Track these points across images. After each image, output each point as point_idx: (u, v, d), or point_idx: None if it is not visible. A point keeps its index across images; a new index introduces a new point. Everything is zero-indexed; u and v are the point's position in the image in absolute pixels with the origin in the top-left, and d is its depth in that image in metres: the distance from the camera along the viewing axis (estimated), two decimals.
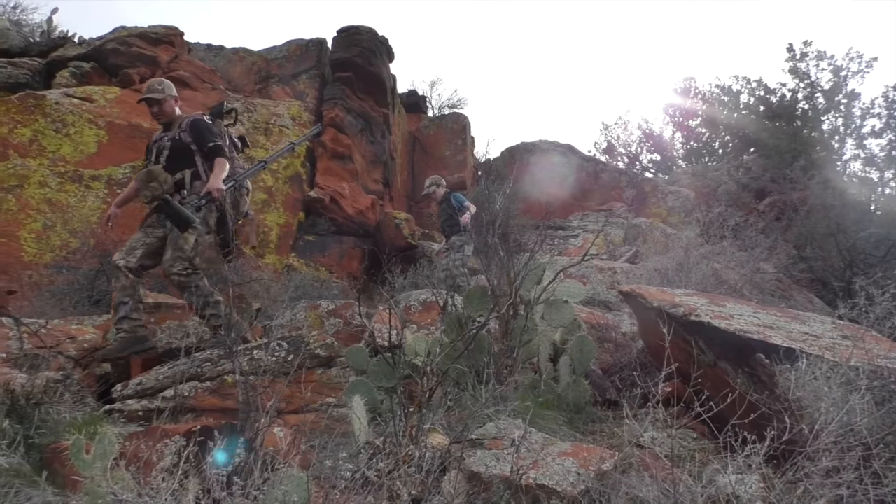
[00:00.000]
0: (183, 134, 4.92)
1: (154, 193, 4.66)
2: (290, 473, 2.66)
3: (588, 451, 3.30)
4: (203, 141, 4.90)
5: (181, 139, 4.90)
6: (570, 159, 15.85)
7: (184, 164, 4.86)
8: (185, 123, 4.98)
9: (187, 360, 4.61)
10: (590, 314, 5.91)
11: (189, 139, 4.90)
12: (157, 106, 4.99)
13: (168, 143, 4.90)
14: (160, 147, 4.94)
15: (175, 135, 4.93)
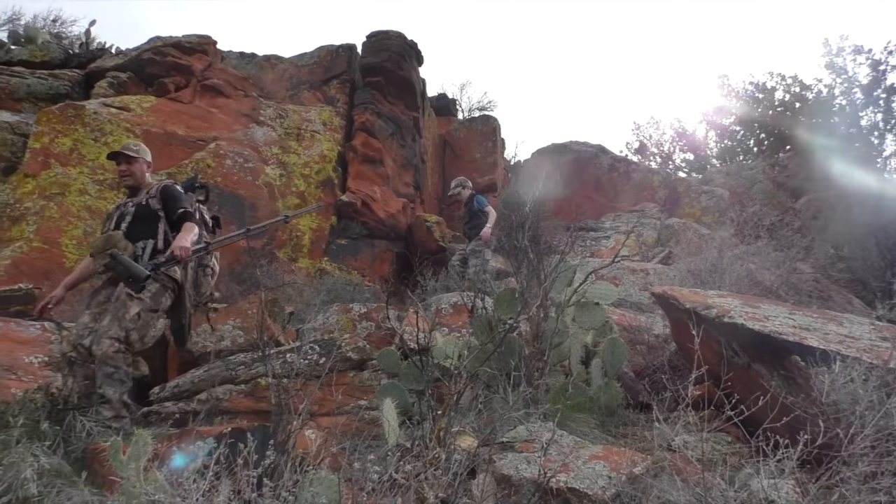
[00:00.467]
0: (151, 200, 4.42)
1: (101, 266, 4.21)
2: (321, 475, 2.69)
3: (619, 454, 3.28)
4: (173, 207, 4.40)
5: (148, 205, 4.39)
6: (602, 160, 15.71)
7: (147, 233, 4.30)
8: (155, 189, 4.49)
9: (221, 363, 4.69)
10: (622, 316, 5.86)
11: (157, 206, 4.40)
12: (126, 164, 4.48)
13: (132, 210, 4.37)
14: (122, 213, 4.39)
15: (142, 200, 4.42)
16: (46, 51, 14.36)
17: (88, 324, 4.03)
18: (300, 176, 11.28)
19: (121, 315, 3.93)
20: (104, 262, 4.13)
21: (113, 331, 3.87)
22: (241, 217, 10.31)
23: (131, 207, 4.37)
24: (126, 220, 4.30)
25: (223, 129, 11.29)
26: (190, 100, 11.74)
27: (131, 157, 4.45)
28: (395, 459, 3.00)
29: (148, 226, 4.29)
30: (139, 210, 4.34)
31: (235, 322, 5.27)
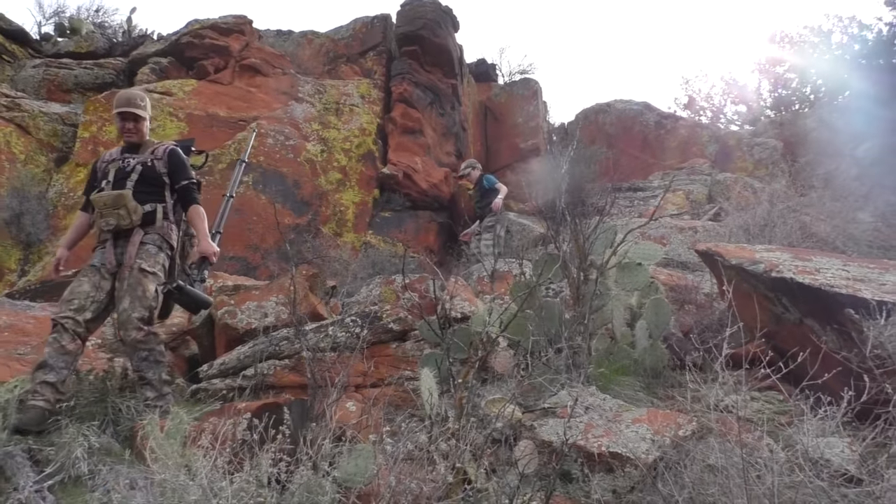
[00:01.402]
0: (157, 162, 4.06)
1: (120, 223, 3.85)
2: (358, 446, 2.69)
3: (664, 417, 3.18)
4: (179, 175, 4.11)
5: (154, 167, 4.04)
6: (648, 117, 15.26)
7: (152, 197, 4.00)
8: (162, 151, 4.13)
9: (266, 338, 4.74)
10: (669, 276, 5.70)
11: (163, 169, 4.06)
12: (133, 122, 4.10)
13: (138, 168, 4.00)
14: (123, 169, 4.02)
15: (146, 160, 4.04)
16: (91, 41, 14.70)
17: (90, 293, 3.73)
18: (341, 150, 11.30)
19: (140, 295, 3.74)
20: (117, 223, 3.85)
21: (137, 313, 3.69)
22: (286, 194, 10.41)
23: (137, 165, 4.00)
24: (132, 178, 3.95)
25: (263, 108, 11.37)
26: (230, 81, 11.84)
27: (140, 116, 4.09)
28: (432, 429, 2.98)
29: (154, 189, 4.01)
30: (145, 171, 3.99)
31: (279, 298, 5.31)
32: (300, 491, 2.17)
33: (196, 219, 4.07)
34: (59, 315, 3.61)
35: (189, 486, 1.97)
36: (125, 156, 4.08)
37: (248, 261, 9.61)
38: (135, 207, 3.87)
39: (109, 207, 3.84)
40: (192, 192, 4.14)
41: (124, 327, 3.69)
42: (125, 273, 3.78)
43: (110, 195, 3.86)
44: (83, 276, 3.80)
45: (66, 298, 3.69)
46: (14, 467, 2.95)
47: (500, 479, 2.67)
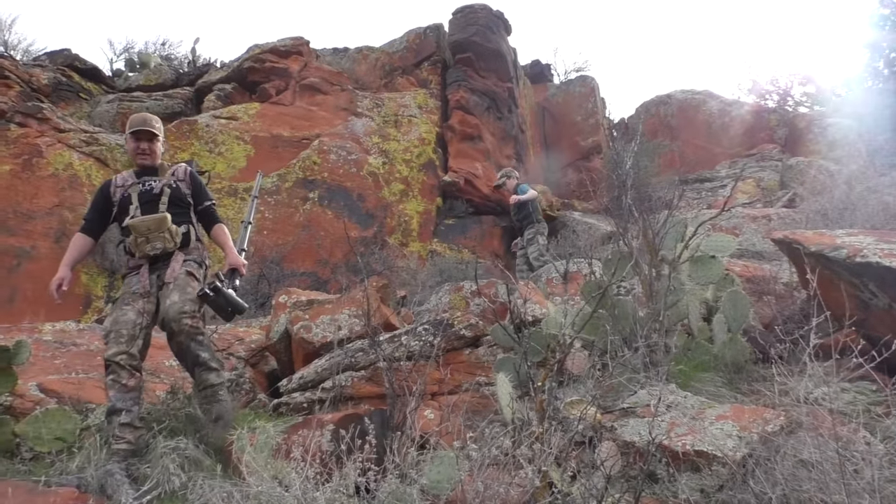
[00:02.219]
0: (181, 183, 4.07)
1: (166, 246, 3.81)
2: (440, 453, 2.71)
3: (750, 412, 3.09)
4: (203, 196, 4.16)
5: (179, 189, 4.03)
6: (710, 105, 14.86)
7: (182, 219, 3.98)
8: (183, 172, 4.15)
9: (341, 351, 4.83)
10: (744, 267, 5.53)
11: (187, 191, 4.08)
12: (147, 143, 4.01)
13: (167, 191, 3.96)
14: (149, 192, 3.95)
15: (170, 182, 4.01)
16: (159, 73, 15.35)
17: (136, 321, 3.61)
18: (402, 161, 11.44)
19: (190, 292, 3.71)
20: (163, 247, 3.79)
21: (188, 305, 3.64)
22: (351, 208, 10.61)
23: (164, 188, 3.95)
24: (163, 201, 3.90)
25: (325, 125, 11.63)
26: (291, 101, 12.16)
27: (155, 134, 4.02)
28: (512, 434, 2.98)
29: (182, 211, 3.99)
30: (174, 193, 3.96)
31: (351, 310, 5.41)
32: (389, 499, 2.21)
33: (222, 236, 4.09)
34: (112, 354, 3.46)
35: (284, 498, 2.03)
36: (143, 179, 4.00)
37: (318, 275, 9.83)
38: (175, 231, 3.85)
39: (154, 232, 3.77)
40: (215, 212, 4.22)
41: (176, 318, 3.58)
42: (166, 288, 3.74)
43: (154, 219, 3.78)
44: (125, 305, 3.67)
45: (114, 331, 3.56)
46: (114, 485, 3.10)
47: (583, 481, 2.65)
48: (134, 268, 3.86)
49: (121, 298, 3.74)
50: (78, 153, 11.00)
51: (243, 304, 3.86)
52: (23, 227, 10.02)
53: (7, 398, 3.95)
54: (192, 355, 3.66)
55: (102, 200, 4.00)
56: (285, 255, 9.90)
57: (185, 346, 3.63)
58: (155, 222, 3.78)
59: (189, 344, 3.63)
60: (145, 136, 3.99)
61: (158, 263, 3.82)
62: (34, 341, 4.84)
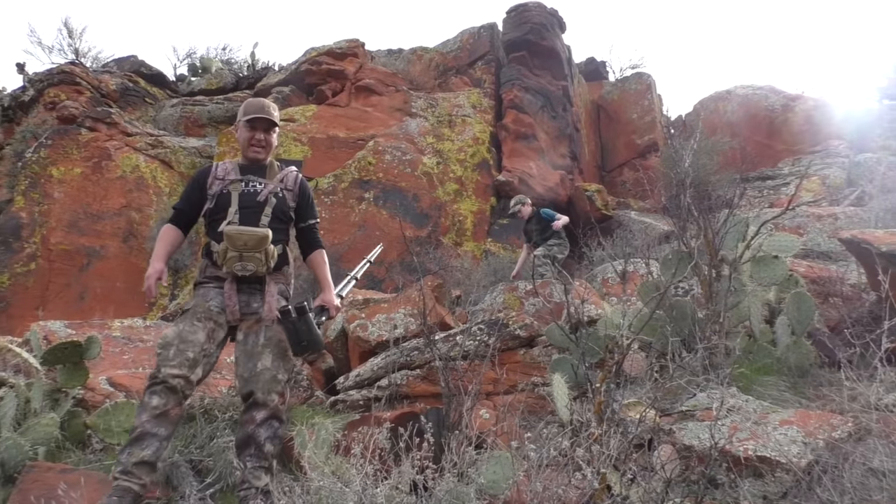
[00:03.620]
0: (287, 193, 3.31)
1: (259, 269, 3.07)
2: (496, 453, 2.72)
3: (816, 417, 3.01)
4: (308, 213, 3.40)
5: (285, 199, 3.30)
6: (773, 101, 14.41)
7: (280, 236, 3.22)
8: (293, 180, 3.37)
9: (397, 349, 4.89)
10: (809, 268, 5.36)
11: (293, 203, 3.33)
12: (265, 133, 3.30)
13: (273, 200, 3.23)
14: (251, 196, 3.22)
15: (277, 189, 3.27)
16: (220, 77, 15.80)
17: (204, 345, 2.92)
18: (456, 161, 11.47)
19: (283, 353, 3.02)
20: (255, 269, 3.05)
21: (283, 375, 2.99)
22: (406, 208, 10.70)
23: (270, 196, 3.22)
24: (266, 212, 3.17)
25: (379, 126, 11.76)
26: (346, 103, 12.35)
27: (275, 123, 3.30)
28: (569, 435, 2.96)
29: (282, 228, 3.24)
30: (278, 204, 3.23)
31: (407, 310, 5.47)
32: (446, 498, 2.23)
33: (323, 265, 3.35)
34: (167, 374, 2.76)
35: (345, 493, 2.08)
36: (248, 177, 3.27)
37: (373, 274, 9.95)
38: (273, 252, 3.10)
39: (251, 249, 3.04)
40: (318, 234, 3.46)
41: (266, 389, 2.89)
42: (258, 327, 3.06)
43: (254, 235, 3.04)
44: (195, 321, 2.97)
45: (176, 347, 2.86)
46: (179, 477, 3.22)
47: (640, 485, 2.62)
48: (213, 279, 3.16)
49: (192, 311, 3.03)
50: (144, 156, 11.41)
51: (322, 341, 3.10)
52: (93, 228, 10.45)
53: (79, 392, 4.11)
54: (258, 442, 2.83)
55: (197, 191, 3.31)
56: (342, 254, 10.05)
57: (257, 426, 2.85)
58: (255, 239, 3.04)
59: (261, 427, 2.85)
60: (263, 124, 3.28)
61: (244, 284, 3.13)
62: (104, 337, 5.04)
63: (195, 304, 3.06)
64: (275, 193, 3.25)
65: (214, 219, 3.17)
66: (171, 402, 2.73)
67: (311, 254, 3.40)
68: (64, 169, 10.86)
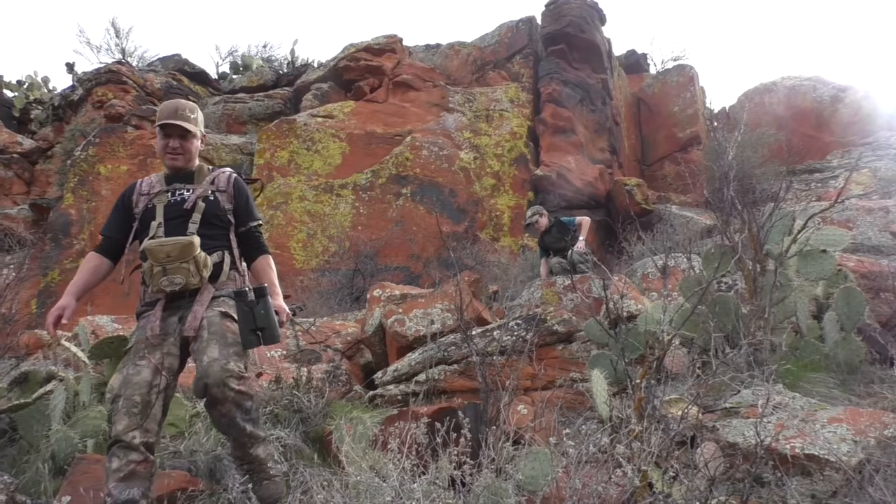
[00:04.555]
0: (220, 195, 3.00)
1: (189, 281, 2.74)
2: (534, 449, 2.69)
3: (867, 415, 2.91)
4: (248, 214, 3.07)
5: (217, 202, 2.98)
6: (821, 92, 14.01)
7: (216, 242, 2.94)
8: (225, 181, 3.06)
9: (434, 345, 4.88)
10: (859, 262, 5.20)
11: (228, 206, 3.01)
12: (180, 139, 2.98)
13: (201, 205, 2.93)
14: (177, 204, 2.93)
15: (207, 193, 2.98)
16: (260, 75, 16.01)
17: (153, 382, 2.62)
18: (493, 156, 11.43)
19: (231, 341, 2.70)
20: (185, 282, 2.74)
21: (233, 363, 2.63)
22: (443, 203, 10.70)
23: (198, 201, 2.93)
24: (194, 219, 2.88)
25: (417, 121, 11.77)
26: (384, 98, 12.39)
27: (188, 130, 2.98)
28: (608, 431, 2.92)
29: (218, 233, 2.95)
30: (209, 208, 2.94)
31: (444, 305, 5.45)
32: (484, 494, 2.22)
33: (269, 271, 3.00)
34: (121, 431, 2.48)
35: (382, 488, 2.07)
36: (174, 186, 2.98)
37: (410, 270, 9.98)
38: (204, 260, 2.80)
39: (175, 260, 2.73)
40: (261, 238, 3.12)
41: (220, 382, 2.56)
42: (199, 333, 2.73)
43: (176, 244, 2.73)
44: (138, 360, 2.67)
45: (123, 397, 2.56)
46: (222, 470, 3.26)
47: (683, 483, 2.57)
48: (150, 305, 2.86)
49: (133, 350, 2.74)
50: None
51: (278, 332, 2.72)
52: None
53: None
54: (238, 429, 2.68)
55: (122, 212, 3.00)
56: (379, 249, 10.11)
57: (230, 417, 2.63)
58: (177, 248, 2.72)
59: (235, 415, 2.64)
60: (176, 130, 2.97)
61: (182, 301, 2.81)
62: None
63: (135, 342, 2.78)
64: (204, 197, 2.95)
65: (141, 238, 2.87)
66: (134, 458, 2.47)
67: (255, 259, 3.03)
68: (111, 166, 11.11)
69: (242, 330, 2.64)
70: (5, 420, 3.52)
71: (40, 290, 9.97)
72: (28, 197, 12.34)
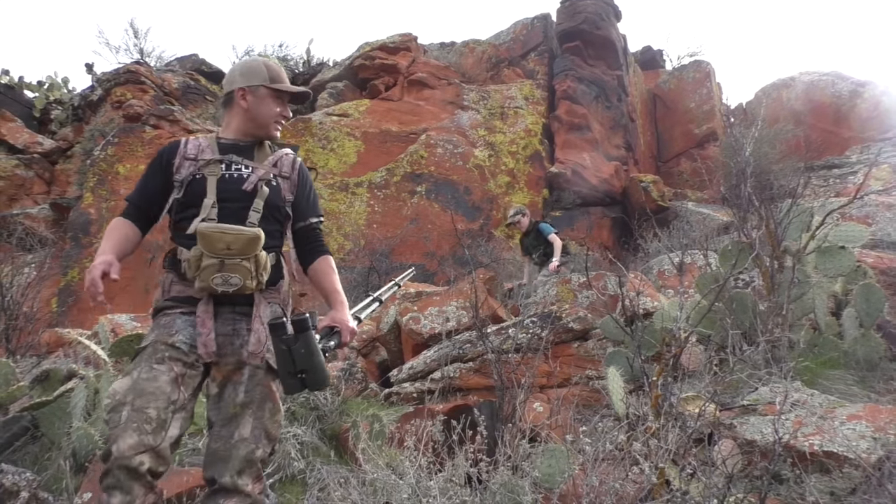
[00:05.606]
0: (283, 182, 2.39)
1: (247, 283, 2.16)
2: (550, 446, 2.69)
3: (887, 413, 2.89)
4: (312, 208, 2.47)
5: (279, 189, 2.37)
6: (840, 87, 13.85)
7: (274, 240, 2.33)
8: (289, 165, 2.43)
9: (449, 342, 4.89)
10: (878, 259, 5.14)
11: (290, 195, 2.40)
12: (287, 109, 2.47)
13: (264, 189, 2.31)
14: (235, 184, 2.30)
15: (270, 177, 2.36)
16: None
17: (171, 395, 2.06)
18: (507, 154, 11.41)
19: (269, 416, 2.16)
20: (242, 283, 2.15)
21: (262, 450, 2.12)
22: (458, 201, 10.70)
23: (261, 184, 2.31)
24: (256, 206, 2.28)
25: (431, 119, 11.77)
26: (399, 97, 12.40)
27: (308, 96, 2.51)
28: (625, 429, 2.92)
29: (275, 228, 2.35)
30: (272, 196, 2.33)
31: (459, 302, 5.46)
32: (501, 491, 2.22)
33: (332, 275, 2.38)
34: (122, 448, 1.92)
35: (399, 485, 2.08)
36: (230, 158, 2.35)
37: (425, 267, 9.98)
38: (265, 261, 2.22)
39: (237, 255, 2.15)
40: (322, 237, 2.50)
41: (237, 470, 2.07)
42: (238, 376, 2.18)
43: (241, 235, 2.16)
44: (154, 364, 2.09)
45: (129, 405, 2.00)
46: None
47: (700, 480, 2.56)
48: (180, 301, 2.24)
49: (150, 350, 2.14)
50: None
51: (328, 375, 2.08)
52: None
53: None
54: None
55: (159, 175, 2.36)
56: (394, 247, 10.12)
57: None
58: (241, 240, 2.16)
59: None
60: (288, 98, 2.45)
61: (225, 308, 2.24)
62: None
63: (154, 340, 2.16)
64: (267, 181, 2.34)
65: (184, 215, 2.27)
66: (137, 493, 1.92)
67: (313, 262, 2.40)
68: (129, 166, 11.21)
69: (281, 372, 2.03)
70: (27, 418, 3.56)
71: (60, 289, 10.08)
72: (48, 196, 12.47)
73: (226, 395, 2.13)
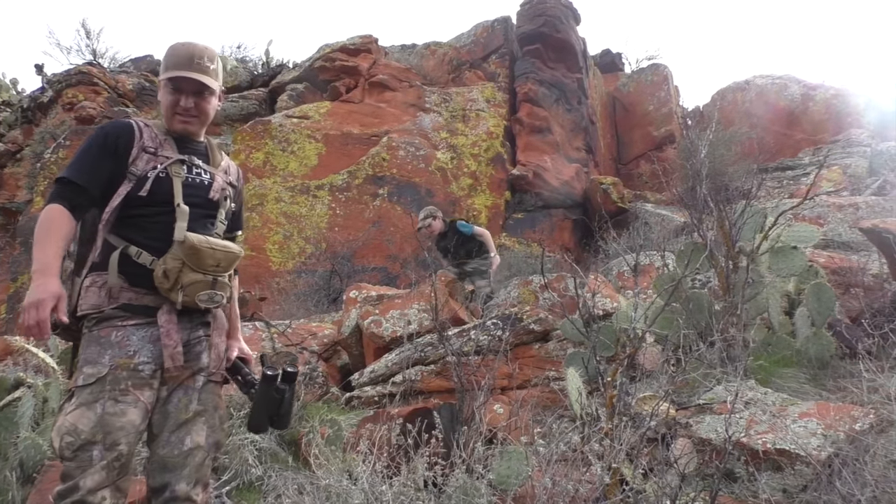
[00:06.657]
0: (231, 189, 2.28)
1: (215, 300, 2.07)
2: (509, 448, 2.69)
3: (836, 410, 2.95)
4: (240, 222, 2.42)
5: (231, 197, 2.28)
6: (792, 90, 14.21)
7: None
8: (236, 173, 2.36)
9: (411, 346, 4.87)
10: (829, 258, 5.26)
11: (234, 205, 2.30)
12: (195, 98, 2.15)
13: (230, 192, 2.26)
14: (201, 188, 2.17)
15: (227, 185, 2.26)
16: (235, 76, 15.85)
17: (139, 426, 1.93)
18: (470, 156, 11.44)
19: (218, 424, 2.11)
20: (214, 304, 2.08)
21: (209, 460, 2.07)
22: (420, 204, 10.67)
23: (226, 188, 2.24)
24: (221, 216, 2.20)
25: (393, 121, 11.74)
26: (360, 99, 12.34)
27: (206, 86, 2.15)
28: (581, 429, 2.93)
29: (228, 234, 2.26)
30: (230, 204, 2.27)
31: (420, 305, 5.43)
32: (456, 494, 2.21)
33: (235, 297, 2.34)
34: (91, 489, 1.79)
35: (352, 491, 2.06)
36: (189, 157, 2.17)
37: (388, 270, 9.95)
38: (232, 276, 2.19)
39: (223, 273, 2.10)
40: None
41: (192, 479, 1.98)
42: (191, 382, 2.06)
43: (228, 252, 2.09)
44: (120, 395, 1.89)
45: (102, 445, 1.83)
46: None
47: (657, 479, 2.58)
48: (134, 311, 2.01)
49: (109, 380, 1.90)
50: None
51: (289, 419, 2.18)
52: None
53: None
54: None
55: (112, 157, 2.07)
56: (356, 250, 10.06)
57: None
58: (229, 258, 2.09)
59: None
60: (190, 86, 2.14)
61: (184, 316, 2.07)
62: None
63: (113, 367, 1.92)
64: (232, 185, 2.27)
65: (141, 213, 2.05)
66: None
67: None
68: None
69: (257, 412, 2.07)
70: None
71: (10, 296, 9.81)
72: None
73: (175, 400, 2.01)
